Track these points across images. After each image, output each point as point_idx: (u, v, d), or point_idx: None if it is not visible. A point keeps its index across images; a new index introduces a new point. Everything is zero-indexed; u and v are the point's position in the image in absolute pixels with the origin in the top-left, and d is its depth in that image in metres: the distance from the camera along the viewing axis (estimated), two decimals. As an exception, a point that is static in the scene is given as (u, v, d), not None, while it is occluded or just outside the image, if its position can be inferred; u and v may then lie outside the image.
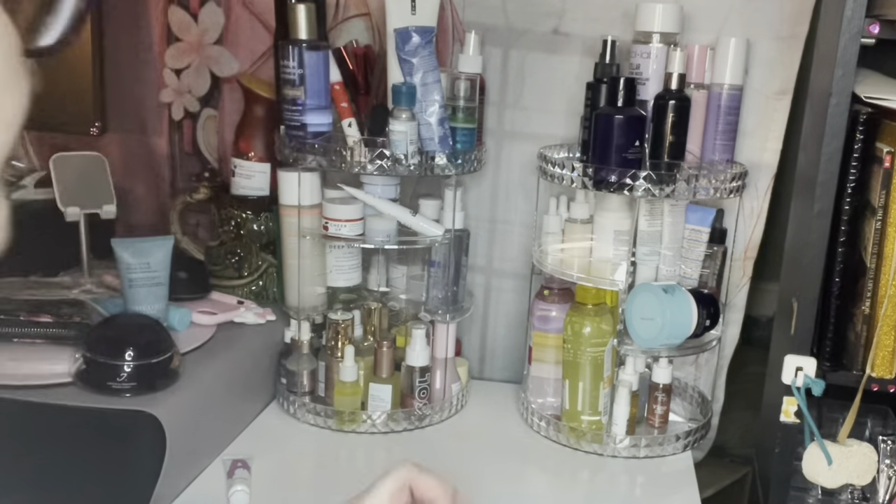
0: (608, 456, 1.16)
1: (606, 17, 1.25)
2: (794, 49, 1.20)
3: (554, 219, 1.21)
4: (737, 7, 1.21)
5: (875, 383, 0.99)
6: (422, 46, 1.10)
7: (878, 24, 0.92)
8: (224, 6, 1.39)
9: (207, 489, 1.02)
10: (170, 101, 1.44)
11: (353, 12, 1.34)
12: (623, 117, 1.08)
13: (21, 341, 1.02)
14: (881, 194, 0.95)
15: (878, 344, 0.97)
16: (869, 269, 0.97)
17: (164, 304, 1.11)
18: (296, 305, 1.22)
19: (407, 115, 1.09)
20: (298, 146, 1.13)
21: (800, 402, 1.00)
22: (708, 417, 1.25)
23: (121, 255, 1.08)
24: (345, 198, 1.19)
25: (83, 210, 1.22)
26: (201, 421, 1.04)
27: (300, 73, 1.10)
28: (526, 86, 1.31)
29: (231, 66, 1.41)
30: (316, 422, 1.19)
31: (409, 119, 1.10)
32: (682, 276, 1.19)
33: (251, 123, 1.31)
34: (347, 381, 1.18)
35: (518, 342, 1.38)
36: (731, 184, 1.13)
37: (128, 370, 0.96)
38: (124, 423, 0.93)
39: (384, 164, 1.11)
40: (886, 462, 1.04)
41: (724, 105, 1.16)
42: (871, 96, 0.95)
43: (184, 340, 1.10)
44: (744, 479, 1.43)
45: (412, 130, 1.10)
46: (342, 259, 1.22)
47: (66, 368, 0.98)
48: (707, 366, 1.32)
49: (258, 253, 1.31)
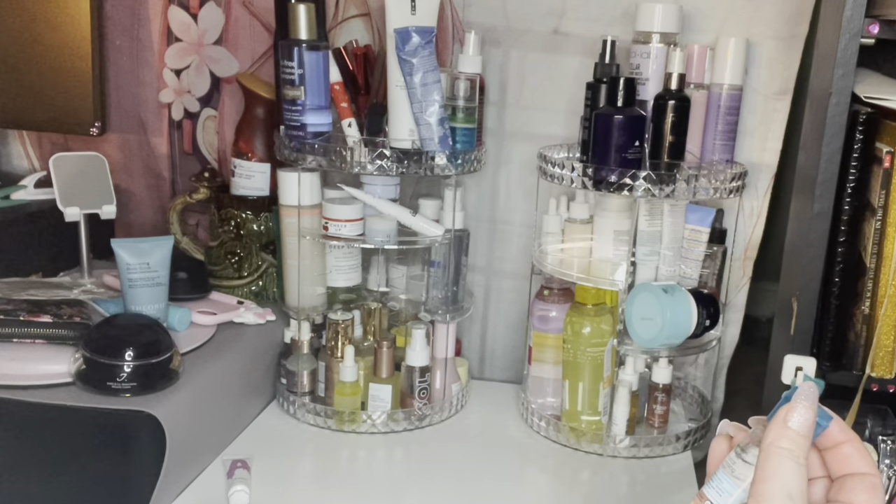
0: (608, 456, 1.16)
1: (606, 17, 1.25)
2: (794, 49, 1.20)
3: (554, 219, 1.21)
4: (737, 7, 1.21)
5: (875, 383, 0.99)
6: (422, 46, 1.10)
7: (878, 24, 0.92)
8: (224, 6, 1.39)
9: (207, 489, 1.02)
10: (170, 101, 1.44)
11: (353, 12, 1.34)
12: (623, 117, 1.08)
13: (21, 341, 1.02)
14: (881, 194, 0.95)
15: (877, 344, 0.97)
16: (869, 269, 0.97)
17: (164, 304, 1.11)
18: (296, 305, 1.22)
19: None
20: (298, 146, 1.13)
21: (800, 402, 0.99)
22: (708, 417, 1.25)
23: (121, 255, 1.08)
24: (345, 198, 1.19)
25: (83, 210, 1.22)
26: (201, 421, 1.04)
27: (300, 73, 1.10)
28: (526, 86, 1.31)
29: (231, 66, 1.41)
30: (316, 422, 1.19)
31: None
32: (682, 276, 1.19)
33: (251, 123, 1.31)
34: (347, 381, 1.18)
35: (518, 342, 1.38)
36: (731, 184, 1.13)
37: (128, 370, 0.96)
38: (124, 423, 0.93)
39: (384, 164, 1.11)
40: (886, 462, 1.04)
41: (724, 105, 1.16)
42: (871, 96, 0.95)
43: (184, 340, 1.10)
44: (744, 479, 1.43)
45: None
46: (342, 259, 1.23)
47: (66, 368, 0.99)
48: (707, 366, 1.32)
49: (258, 253, 1.31)
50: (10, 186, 1.40)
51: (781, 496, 0.49)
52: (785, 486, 0.50)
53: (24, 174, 1.46)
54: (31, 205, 1.38)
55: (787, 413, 0.52)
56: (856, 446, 0.53)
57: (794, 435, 0.51)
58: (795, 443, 0.51)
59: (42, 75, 1.35)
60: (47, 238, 1.34)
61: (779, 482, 0.50)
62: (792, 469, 0.50)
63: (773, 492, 0.49)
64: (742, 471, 0.53)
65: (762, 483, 0.50)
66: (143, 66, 1.43)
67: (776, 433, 0.51)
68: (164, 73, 1.43)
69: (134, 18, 1.41)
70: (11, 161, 1.55)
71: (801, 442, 0.51)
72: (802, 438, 0.51)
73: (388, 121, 1.16)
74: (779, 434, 0.51)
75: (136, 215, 1.51)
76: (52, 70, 1.35)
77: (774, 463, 0.50)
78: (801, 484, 0.50)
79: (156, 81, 1.43)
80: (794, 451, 0.51)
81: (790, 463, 0.50)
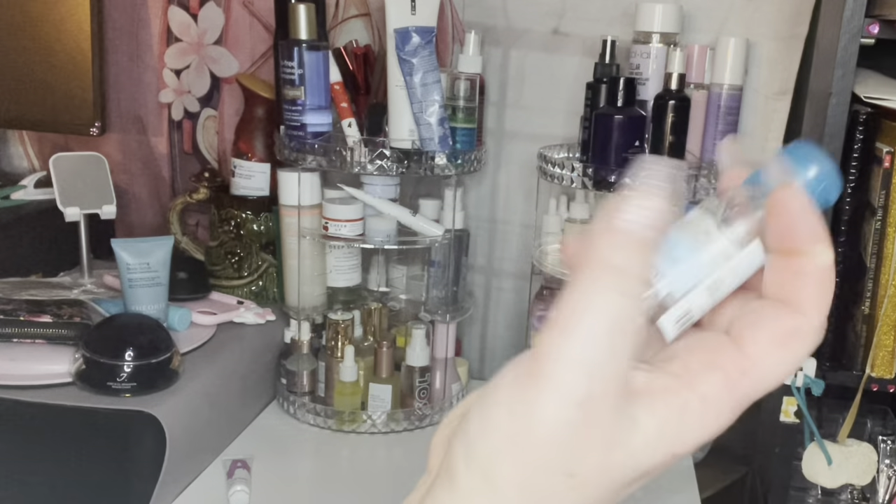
0: (608, 456, 1.16)
1: (606, 17, 1.25)
2: (793, 49, 1.20)
3: (554, 219, 1.21)
4: (736, 7, 1.21)
5: (875, 383, 0.99)
6: (422, 46, 1.10)
7: (878, 24, 0.92)
8: (224, 6, 1.39)
9: (207, 489, 1.02)
10: (170, 101, 1.44)
11: (353, 12, 1.34)
12: (623, 117, 1.08)
13: (21, 341, 1.02)
14: (881, 194, 0.95)
15: (877, 344, 0.97)
16: (869, 270, 0.97)
17: (164, 304, 1.11)
18: (296, 305, 1.21)
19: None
20: (298, 146, 1.13)
21: (800, 402, 1.00)
22: (708, 417, 1.25)
23: (121, 255, 1.08)
24: (345, 198, 1.19)
25: (83, 210, 1.22)
26: (201, 421, 1.04)
27: (300, 73, 1.10)
28: (526, 86, 1.31)
29: (231, 66, 1.41)
30: (316, 422, 1.19)
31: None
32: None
33: (251, 123, 1.31)
34: (347, 381, 1.18)
35: (518, 342, 1.38)
36: (731, 184, 1.13)
37: (128, 370, 0.96)
38: (124, 423, 0.93)
39: (384, 164, 1.11)
40: (886, 462, 1.04)
41: (724, 105, 1.16)
42: (871, 96, 0.95)
43: (184, 340, 1.10)
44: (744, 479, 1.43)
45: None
46: (342, 259, 1.23)
47: (66, 368, 0.98)
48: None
49: (258, 253, 1.31)
50: (10, 186, 1.40)
51: (575, 362, 0.30)
52: (585, 344, 0.30)
53: (24, 174, 1.46)
54: (31, 205, 1.38)
55: (619, 205, 0.31)
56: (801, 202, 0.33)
57: (627, 244, 0.30)
58: (628, 259, 0.30)
59: (42, 75, 1.35)
60: (47, 238, 1.34)
61: (578, 334, 0.30)
62: (610, 306, 0.30)
63: (564, 352, 0.30)
64: (718, 247, 0.34)
65: (555, 328, 0.30)
66: (143, 66, 1.43)
67: (601, 240, 0.31)
68: (164, 73, 1.43)
69: (134, 18, 1.41)
70: (11, 161, 1.55)
71: (638, 258, 0.30)
72: (640, 251, 0.31)
73: (388, 121, 1.16)
74: (604, 242, 0.31)
75: (136, 215, 1.51)
76: (52, 70, 1.35)
77: (583, 291, 0.30)
78: (619, 342, 0.30)
79: (156, 81, 1.43)
80: (623, 274, 0.30)
81: (610, 296, 0.30)
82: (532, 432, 0.30)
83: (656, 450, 0.32)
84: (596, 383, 0.30)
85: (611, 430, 0.31)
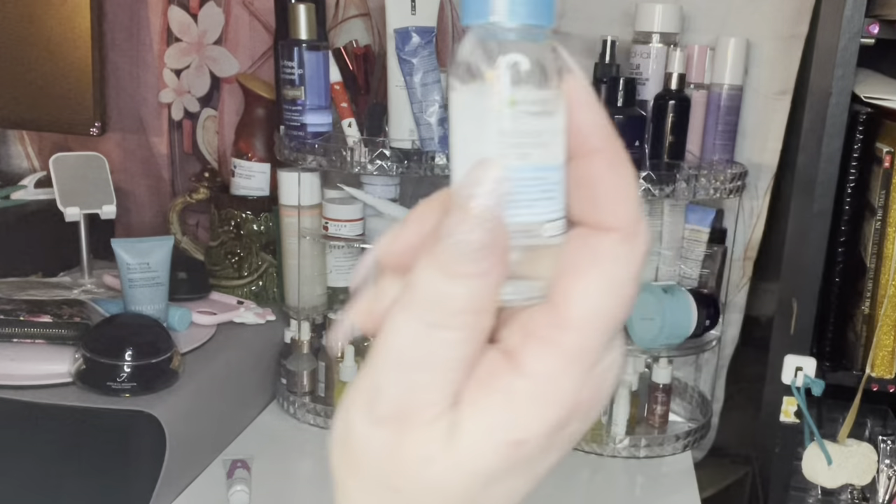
0: (608, 456, 1.16)
1: (606, 17, 1.25)
2: (793, 49, 1.20)
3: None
4: (736, 7, 1.21)
5: (875, 383, 0.99)
6: (422, 46, 1.10)
7: (878, 24, 0.92)
8: (224, 6, 1.39)
9: (207, 489, 1.02)
10: (170, 101, 1.44)
11: (353, 12, 1.34)
12: (623, 117, 1.08)
13: (21, 341, 1.02)
14: (881, 194, 0.95)
15: (877, 344, 0.97)
16: (869, 270, 0.97)
17: (164, 304, 1.11)
18: (296, 305, 1.21)
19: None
20: (298, 146, 1.13)
21: (800, 402, 1.00)
22: (708, 417, 1.25)
23: (121, 255, 1.08)
24: (345, 198, 1.19)
25: (83, 210, 1.22)
26: (201, 421, 1.04)
27: (300, 73, 1.10)
28: (526, 86, 1.31)
29: (231, 66, 1.41)
30: (316, 422, 1.19)
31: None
32: (681, 276, 1.19)
33: (251, 123, 1.31)
34: (347, 382, 1.18)
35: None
36: (731, 184, 1.13)
37: (128, 370, 0.96)
38: (124, 423, 0.93)
39: (384, 164, 1.11)
40: (886, 462, 1.04)
41: (724, 105, 1.16)
42: (871, 96, 0.95)
43: (184, 340, 1.10)
44: (744, 479, 1.43)
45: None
46: (342, 259, 1.22)
47: (66, 368, 0.98)
48: (707, 366, 1.32)
49: (258, 253, 1.31)
50: (10, 186, 1.40)
51: (365, 389, 0.29)
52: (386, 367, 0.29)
53: (24, 174, 1.46)
54: (31, 205, 1.38)
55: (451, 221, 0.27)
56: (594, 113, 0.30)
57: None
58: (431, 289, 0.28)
59: (42, 75, 1.35)
60: (47, 238, 1.34)
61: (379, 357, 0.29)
62: (411, 335, 0.28)
63: (366, 372, 0.30)
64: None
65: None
66: (142, 66, 1.43)
67: (422, 270, 0.28)
68: (164, 73, 1.43)
69: (134, 18, 1.41)
70: (11, 161, 1.55)
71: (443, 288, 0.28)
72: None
73: (388, 121, 1.15)
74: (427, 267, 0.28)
75: (136, 215, 1.51)
76: (53, 70, 1.35)
77: (390, 322, 0.29)
78: (421, 377, 0.28)
79: (156, 81, 1.43)
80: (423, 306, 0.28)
81: (414, 325, 0.28)
82: (351, 447, 0.30)
83: (490, 447, 0.29)
84: (384, 405, 0.29)
85: (423, 444, 0.29)
